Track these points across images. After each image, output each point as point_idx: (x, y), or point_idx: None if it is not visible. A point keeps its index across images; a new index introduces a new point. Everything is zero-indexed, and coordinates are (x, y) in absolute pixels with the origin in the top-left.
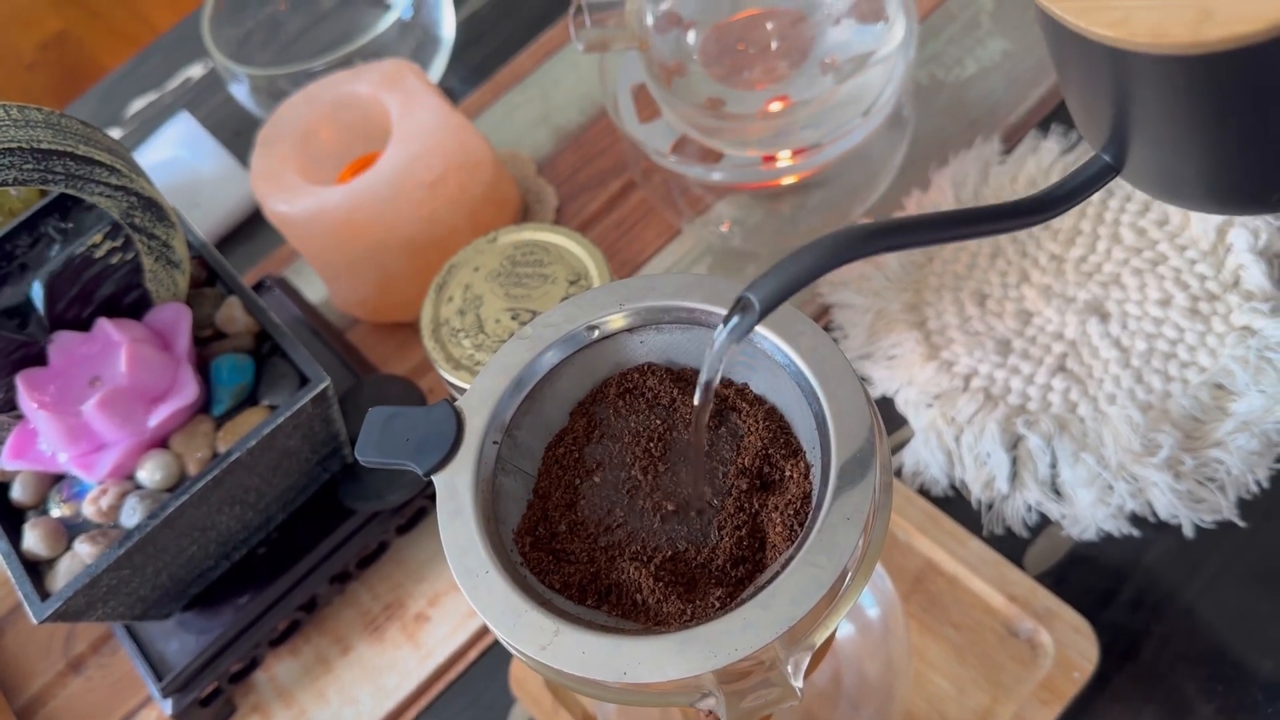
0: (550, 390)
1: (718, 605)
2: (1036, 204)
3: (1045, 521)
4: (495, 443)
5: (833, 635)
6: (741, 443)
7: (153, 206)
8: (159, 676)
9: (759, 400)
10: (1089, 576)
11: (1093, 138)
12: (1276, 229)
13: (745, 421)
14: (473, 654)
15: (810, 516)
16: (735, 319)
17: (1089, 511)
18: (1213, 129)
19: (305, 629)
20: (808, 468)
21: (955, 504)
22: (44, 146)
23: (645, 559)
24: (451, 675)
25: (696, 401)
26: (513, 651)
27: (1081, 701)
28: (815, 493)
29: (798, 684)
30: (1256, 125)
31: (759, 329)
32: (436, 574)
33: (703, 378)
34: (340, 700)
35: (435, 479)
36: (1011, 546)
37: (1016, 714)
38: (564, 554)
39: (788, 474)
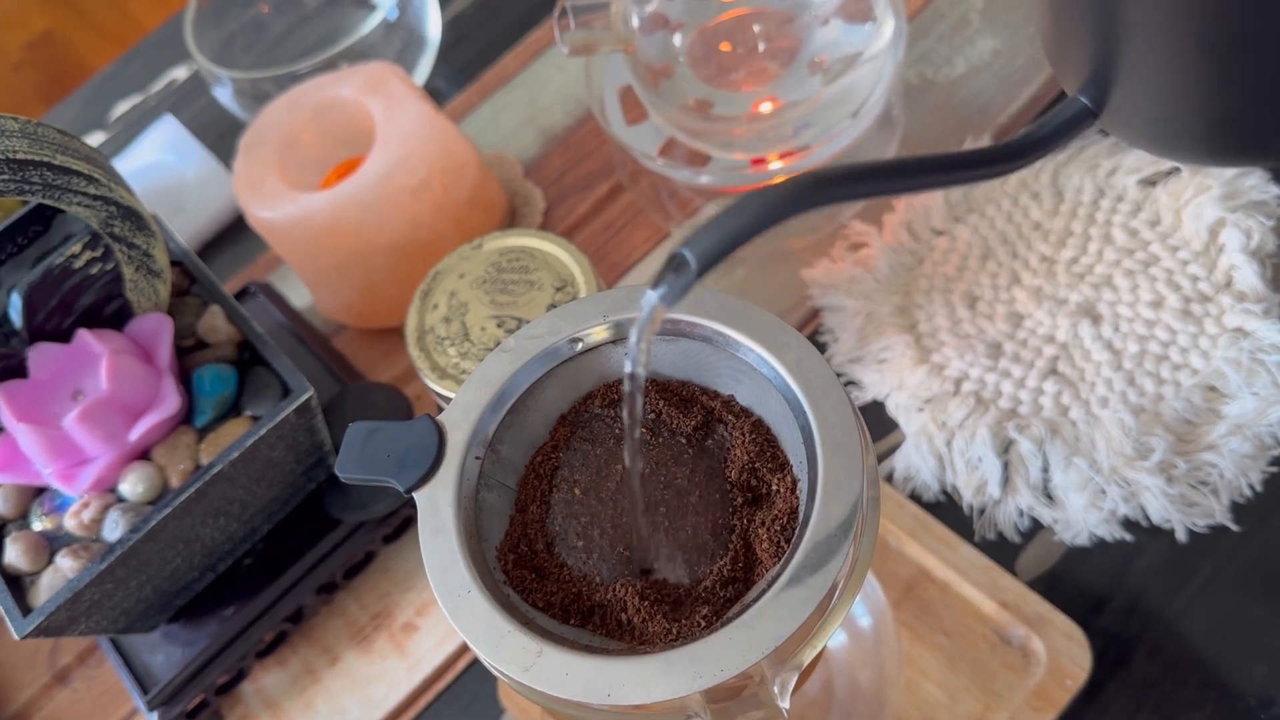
0: (533, 404)
1: (703, 624)
2: (1008, 151)
3: (1037, 526)
4: (477, 458)
5: (821, 652)
6: (729, 456)
7: (132, 215)
8: (144, 689)
9: (745, 412)
10: (1081, 582)
11: (1069, 76)
12: (1270, 229)
13: (732, 434)
14: (461, 664)
15: (797, 532)
16: (668, 279)
17: (1081, 516)
18: (1209, 46)
19: (292, 640)
20: (794, 482)
21: (946, 509)
22: (20, 157)
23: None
24: (440, 685)
25: (626, 373)
26: (495, 673)
27: (1074, 709)
28: (802, 508)
29: (784, 704)
30: (1265, 34)
31: (742, 339)
32: (424, 583)
33: (631, 344)
34: (328, 711)
35: (417, 496)
36: (1003, 552)
37: None
38: (547, 572)
39: (774, 488)
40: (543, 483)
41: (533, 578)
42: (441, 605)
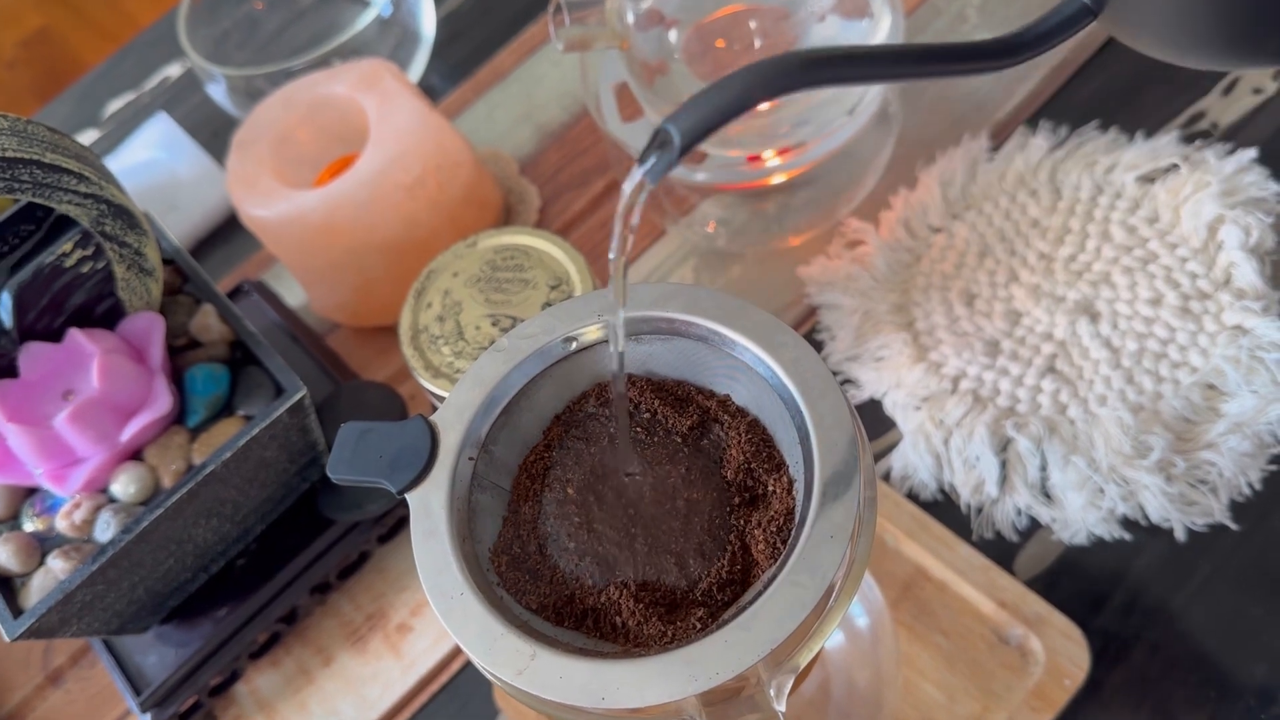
0: (527, 404)
1: (699, 626)
2: (1002, 46)
3: (1035, 525)
4: (471, 459)
5: (818, 654)
6: (724, 456)
7: (124, 214)
8: (137, 691)
9: (741, 412)
10: (1080, 581)
11: None
12: (1269, 225)
13: (728, 434)
14: (456, 665)
15: (793, 533)
16: (654, 156)
17: (1079, 515)
18: None
19: (286, 640)
20: (790, 482)
21: (944, 508)
22: (9, 155)
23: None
24: (435, 686)
25: (611, 257)
26: (489, 676)
27: (1073, 708)
28: (798, 508)
29: (780, 707)
30: None
31: (738, 338)
32: (419, 583)
33: (615, 230)
34: (322, 712)
35: (409, 497)
36: (1001, 551)
37: None
38: (540, 574)
39: (771, 489)
40: (535, 483)
41: (526, 580)
42: (434, 608)
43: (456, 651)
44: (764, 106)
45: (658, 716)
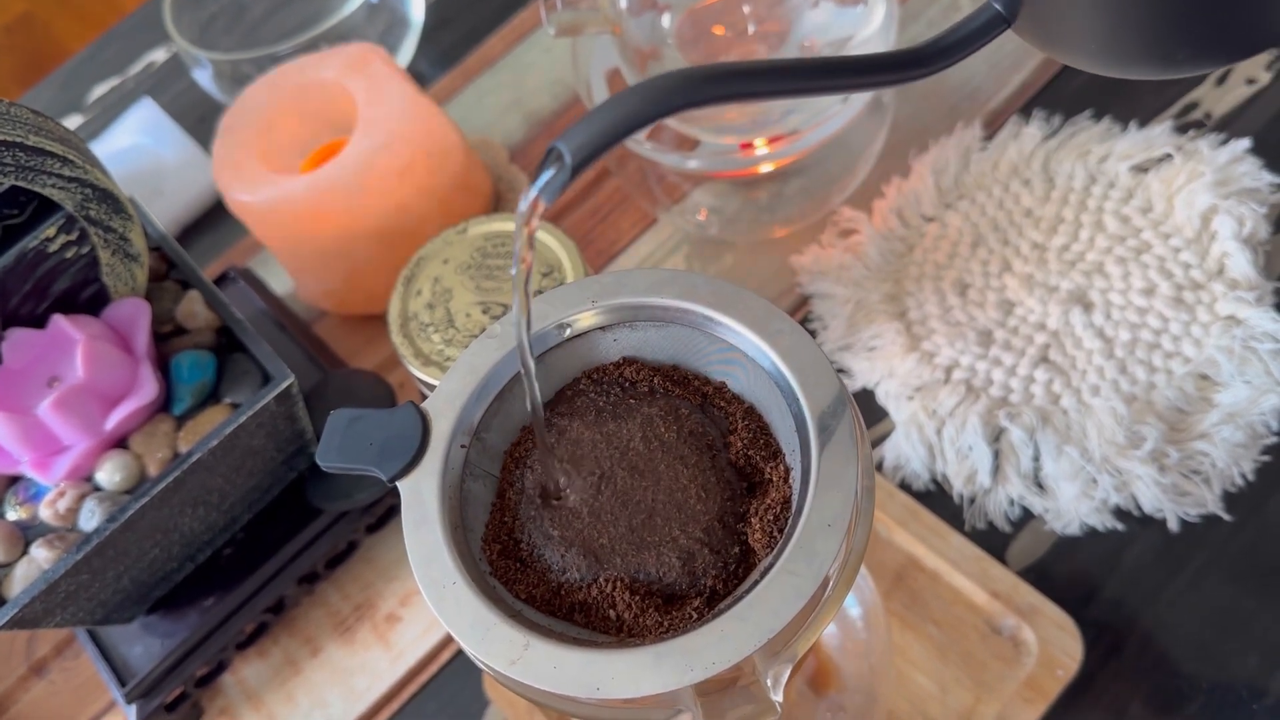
0: (520, 391)
1: (694, 616)
2: (911, 57)
3: (1028, 516)
4: (463, 446)
5: (814, 645)
6: (726, 440)
7: (109, 198)
8: (123, 681)
9: (737, 399)
10: (1072, 572)
11: None
12: (1262, 216)
13: (725, 421)
14: (446, 655)
15: (790, 522)
16: (547, 174)
17: (1072, 505)
18: None
19: (273, 631)
20: (787, 471)
21: (937, 498)
22: None
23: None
24: (424, 677)
25: (514, 278)
26: (481, 666)
27: (1066, 699)
28: (795, 497)
29: (777, 698)
30: None
31: (734, 325)
32: (408, 573)
33: (515, 246)
34: (310, 702)
35: (400, 485)
36: (994, 541)
37: (1000, 713)
38: (531, 563)
39: (768, 477)
40: (522, 470)
41: (518, 569)
42: (425, 597)
43: (445, 642)
44: None
45: (652, 707)
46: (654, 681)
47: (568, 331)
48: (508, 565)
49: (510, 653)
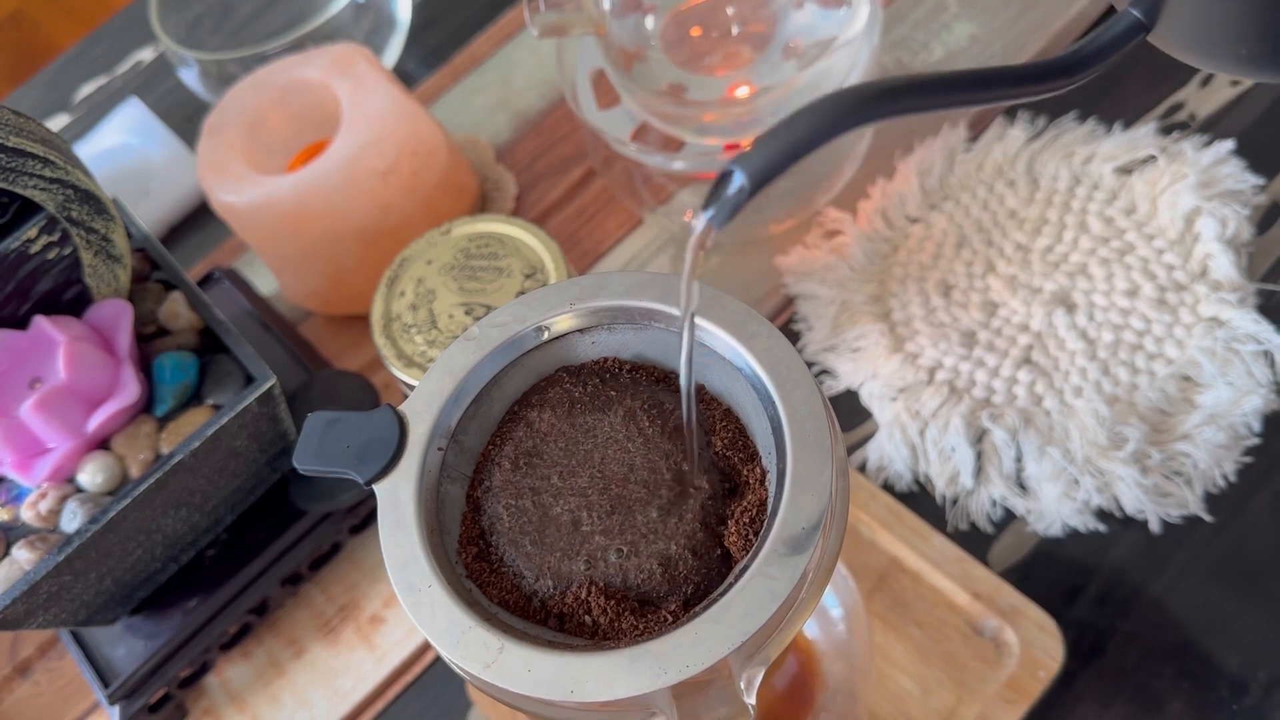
0: (498, 394)
1: (669, 619)
2: (1060, 67)
3: (1010, 517)
4: (440, 449)
5: (789, 648)
6: (710, 440)
7: (91, 199)
8: (106, 683)
9: (715, 401)
10: (1054, 573)
11: None
12: (1245, 217)
13: (708, 422)
14: (429, 656)
15: (765, 525)
16: (718, 199)
17: (1054, 506)
18: None
19: (257, 631)
20: (763, 473)
21: (919, 499)
22: None
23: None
24: (408, 678)
25: (682, 322)
26: (456, 670)
27: (1047, 700)
28: (770, 500)
29: (750, 700)
30: None
31: (711, 328)
32: None
33: (684, 274)
34: (294, 703)
35: (377, 488)
36: (976, 542)
37: (981, 714)
38: (506, 568)
39: (745, 479)
40: (499, 471)
41: (493, 572)
42: (401, 601)
43: (429, 643)
44: (741, 93)
45: (628, 710)
46: (629, 684)
47: (546, 334)
48: (483, 568)
49: (485, 656)
